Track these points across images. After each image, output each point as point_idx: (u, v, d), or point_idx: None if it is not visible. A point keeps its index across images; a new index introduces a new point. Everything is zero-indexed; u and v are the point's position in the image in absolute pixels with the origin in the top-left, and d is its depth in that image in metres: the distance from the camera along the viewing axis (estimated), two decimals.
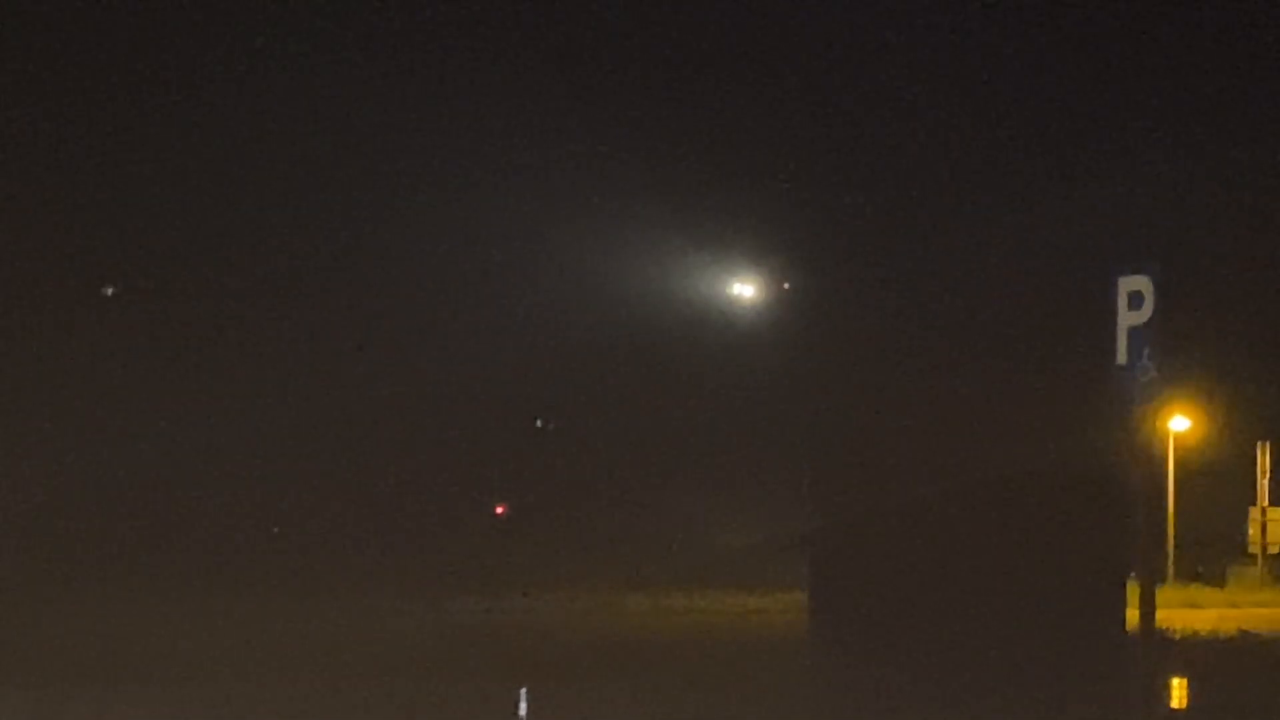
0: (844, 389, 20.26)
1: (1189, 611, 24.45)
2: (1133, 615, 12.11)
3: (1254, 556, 36.45)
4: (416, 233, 20.43)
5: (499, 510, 20.33)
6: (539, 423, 20.47)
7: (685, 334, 23.38)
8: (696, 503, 21.36)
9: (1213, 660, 17.03)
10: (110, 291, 20.34)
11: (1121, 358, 11.56)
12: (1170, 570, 33.77)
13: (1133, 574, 14.22)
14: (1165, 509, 34.56)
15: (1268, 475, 37.17)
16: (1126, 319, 11.49)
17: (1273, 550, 36.71)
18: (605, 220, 23.07)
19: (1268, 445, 36.98)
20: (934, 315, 21.57)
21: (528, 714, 13.26)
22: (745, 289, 24.55)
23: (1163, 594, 17.92)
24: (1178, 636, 18.83)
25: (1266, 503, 36.72)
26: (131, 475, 18.96)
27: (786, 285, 24.51)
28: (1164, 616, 15.46)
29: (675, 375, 22.36)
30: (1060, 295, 19.63)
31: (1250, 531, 36.65)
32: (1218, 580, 34.53)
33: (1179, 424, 34.88)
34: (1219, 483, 36.15)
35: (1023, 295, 21.26)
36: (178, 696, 13.47)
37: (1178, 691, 14.81)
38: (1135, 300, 11.53)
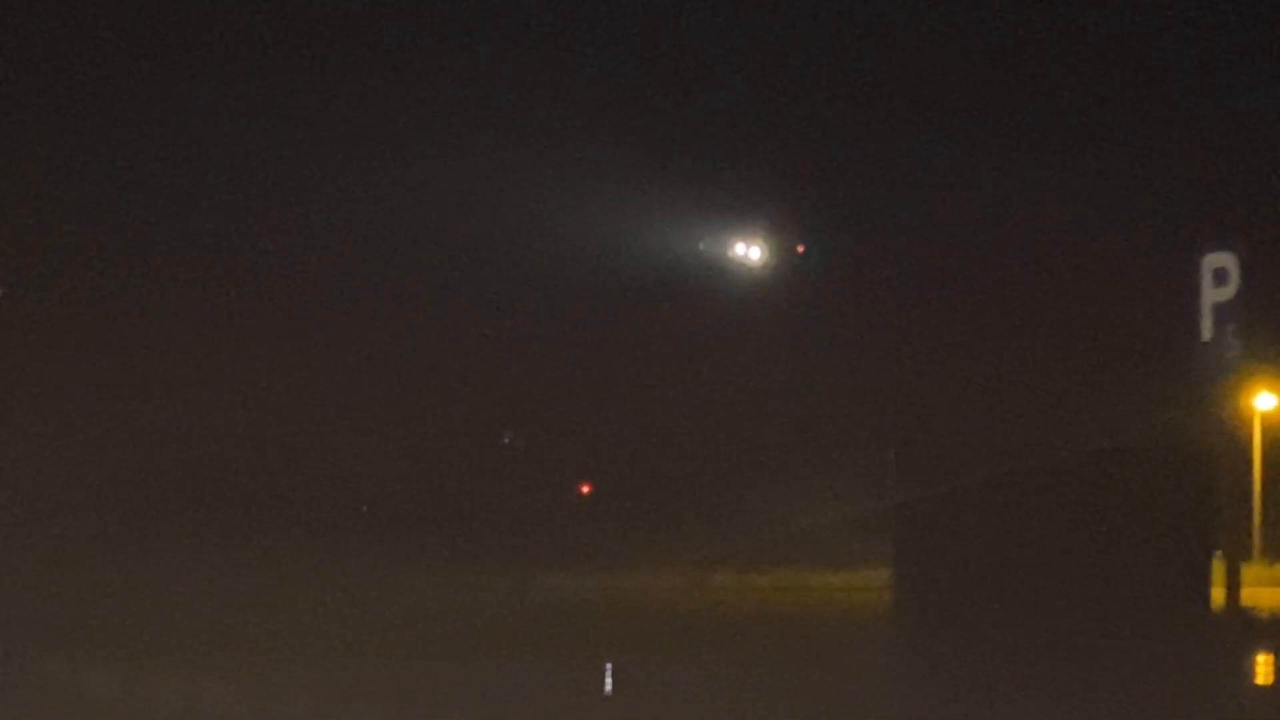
0: (923, 361, 19.98)
1: (1276, 590, 24.29)
2: (1218, 593, 12.08)
3: None
4: (468, 208, 20.18)
5: (584, 489, 20.39)
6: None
7: (760, 308, 22.54)
8: (779, 479, 21.22)
9: None
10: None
11: (1206, 334, 11.52)
12: (1256, 548, 33.46)
13: (1218, 551, 14.17)
14: (1252, 486, 34.26)
15: None
16: (1211, 296, 11.45)
17: None
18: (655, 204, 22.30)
19: None
20: (1014, 287, 21.04)
21: (613, 690, 13.32)
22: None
23: (1249, 571, 17.82)
24: (1264, 614, 18.72)
25: None
26: (218, 453, 19.10)
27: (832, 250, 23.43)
28: (1249, 594, 15.40)
29: (752, 348, 21.82)
30: (1144, 269, 19.37)
31: None
32: None
33: (1267, 401, 34.54)
34: None
35: (1105, 267, 20.82)
36: (269, 674, 13.56)
37: (1263, 668, 14.75)
38: (1220, 277, 11.49)
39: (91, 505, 18.92)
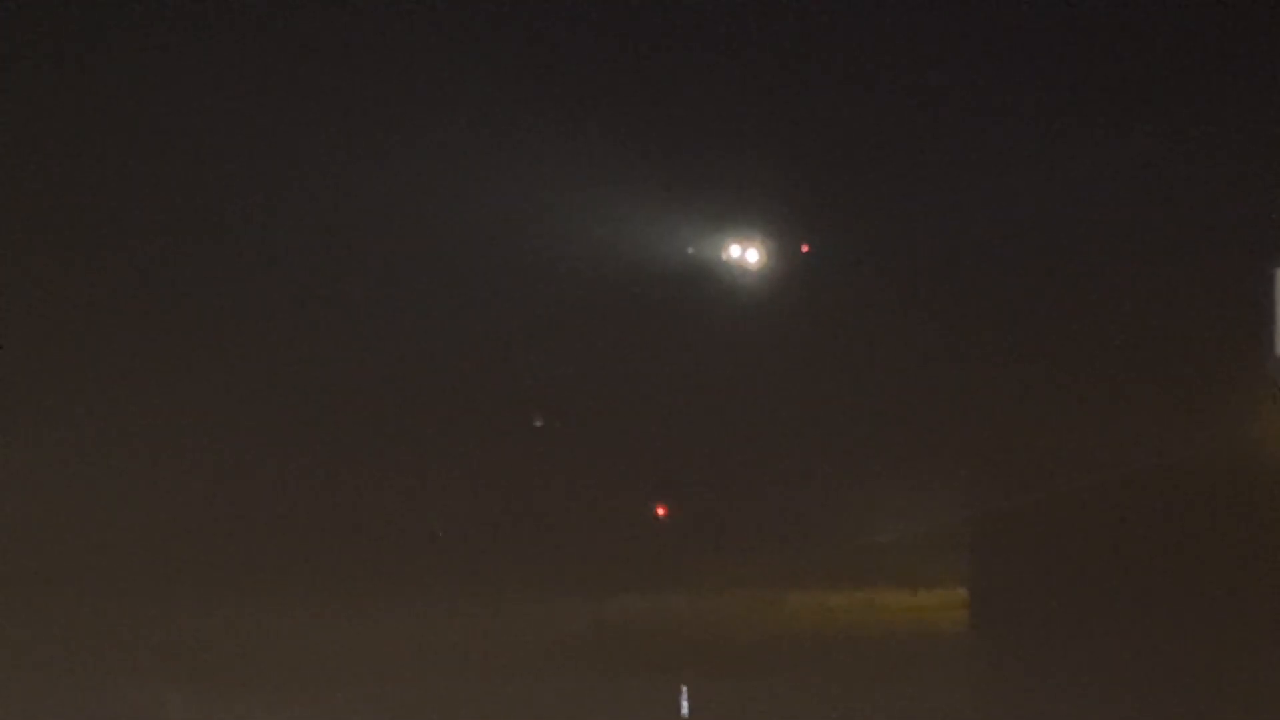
0: (988, 369, 19.33)
1: None
2: None
3: None
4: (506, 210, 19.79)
5: (660, 510, 20.37)
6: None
7: (777, 314, 21.18)
8: (851, 495, 20.98)
9: None
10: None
11: None
12: None
13: None
14: None
15: None
16: None
17: None
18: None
19: None
20: (1081, 293, 20.23)
21: (689, 712, 13.29)
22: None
23: None
24: None
25: None
26: (292, 476, 19.19)
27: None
28: None
29: (793, 357, 20.78)
30: (1217, 278, 18.97)
31: None
32: None
33: None
34: None
35: (1177, 274, 20.27)
36: (342, 699, 13.60)
37: None
38: None
39: (173, 532, 19.04)
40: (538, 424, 19.88)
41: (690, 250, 19.69)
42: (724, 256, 19.80)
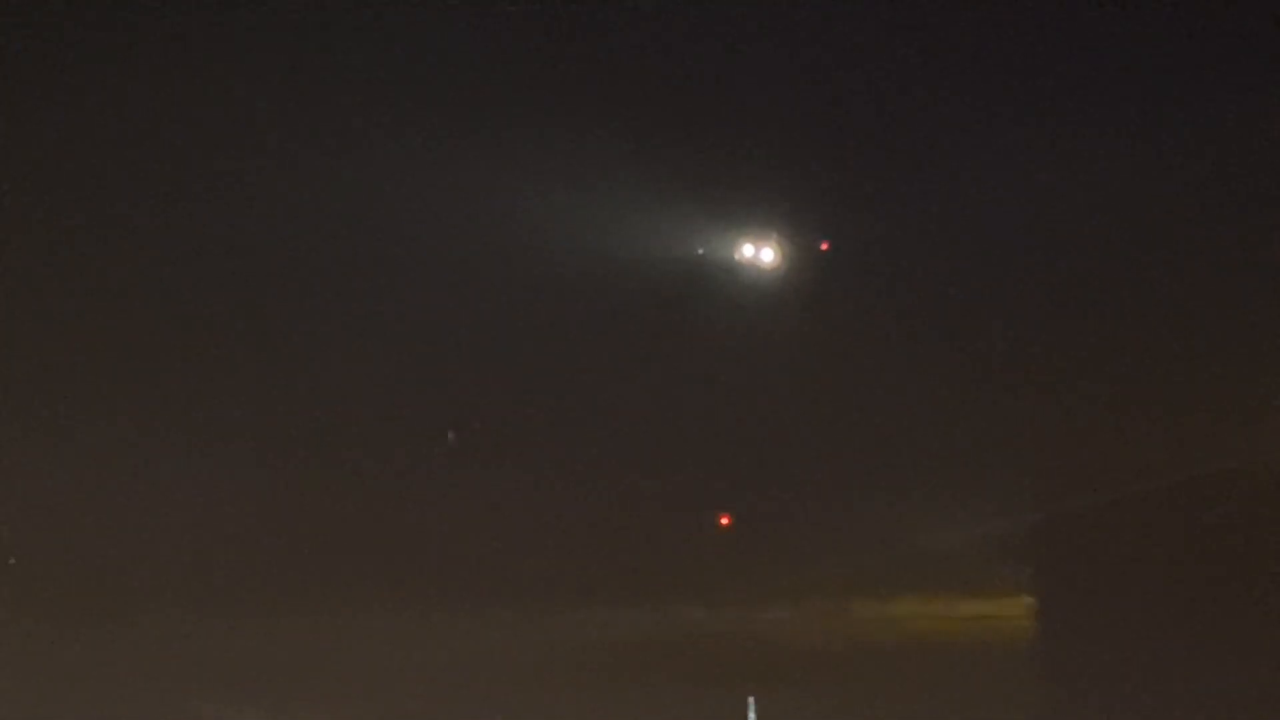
0: (1055, 367, 18.84)
1: None
2: None
3: None
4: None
5: (723, 520, 20.31)
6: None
7: (805, 314, 19.33)
8: (911, 500, 20.73)
9: None
10: None
11: None
12: None
13: None
14: None
15: None
16: None
17: None
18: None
19: None
20: (1135, 291, 19.55)
21: None
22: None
23: None
24: None
25: None
26: (345, 485, 19.18)
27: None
28: None
29: (837, 360, 19.96)
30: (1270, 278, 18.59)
31: None
32: None
33: None
34: None
35: (1237, 276, 19.81)
36: (401, 708, 13.61)
37: None
38: None
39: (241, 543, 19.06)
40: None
41: (701, 251, 18.87)
42: (738, 256, 18.82)
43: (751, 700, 13.49)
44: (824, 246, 18.83)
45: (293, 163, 19.19)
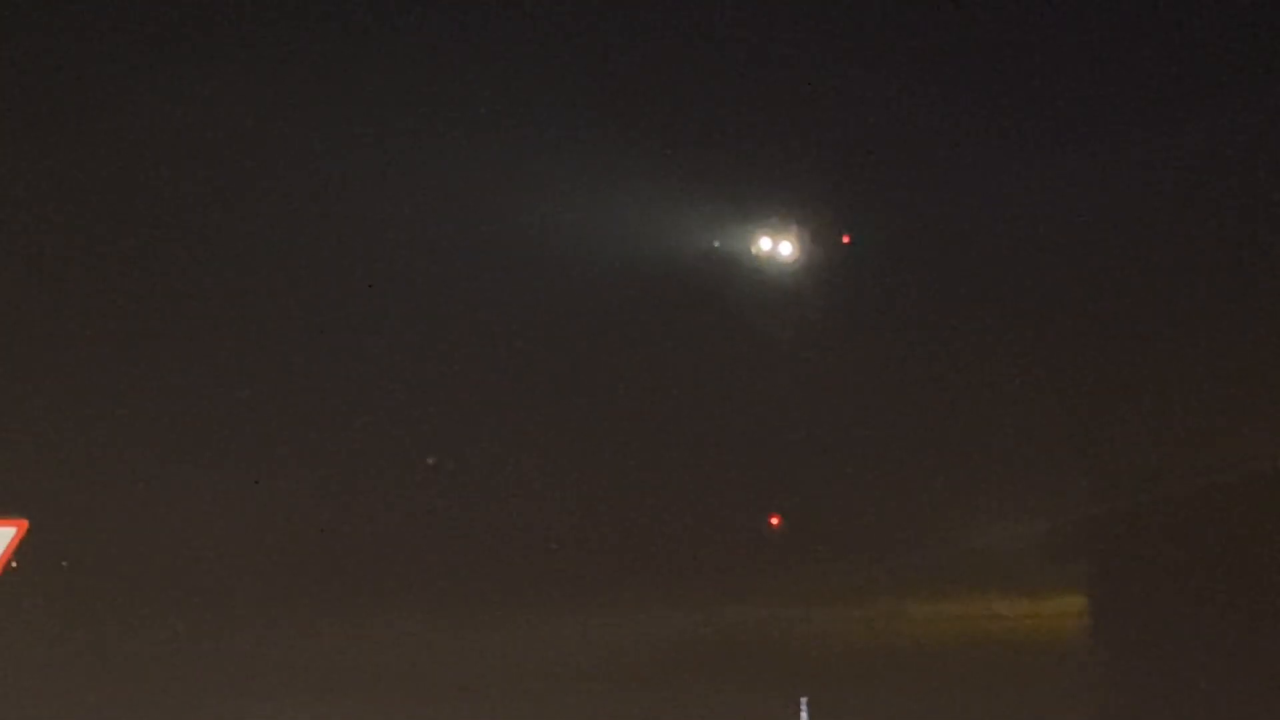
0: (1102, 362, 18.43)
1: None
2: None
3: None
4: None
5: (774, 520, 20.24)
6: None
7: (831, 309, 18.90)
8: (963, 499, 20.49)
9: None
10: None
11: None
12: None
13: None
14: None
15: None
16: None
17: None
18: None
19: None
20: (1181, 280, 18.99)
21: None
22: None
23: None
24: None
25: None
26: (405, 490, 19.18)
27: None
28: None
29: (872, 355, 19.33)
30: None
31: None
32: None
33: None
34: None
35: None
36: (461, 707, 13.60)
37: None
38: None
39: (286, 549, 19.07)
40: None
41: (717, 244, 18.33)
42: (755, 249, 18.30)
43: (804, 700, 13.43)
44: (846, 239, 18.33)
45: (320, 167, 19.15)
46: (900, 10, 18.85)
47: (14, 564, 15.83)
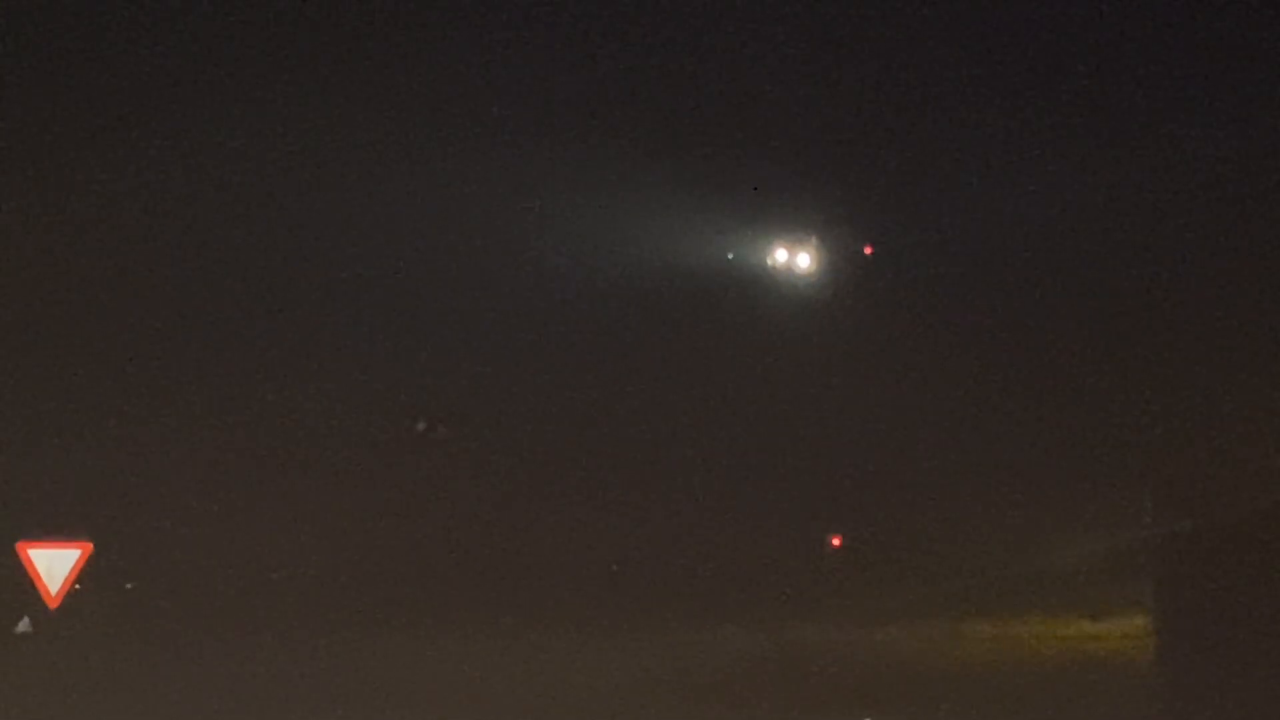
0: (1168, 374, 18.06)
1: None
2: None
3: None
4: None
5: (835, 541, 20.18)
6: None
7: (864, 324, 18.24)
8: (1024, 516, 20.27)
9: None
10: None
11: None
12: None
13: None
14: None
15: None
16: None
17: None
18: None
19: None
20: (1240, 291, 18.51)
21: None
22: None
23: None
24: None
25: None
26: (470, 508, 19.20)
27: None
28: None
29: (983, 378, 18.85)
30: None
31: None
32: None
33: None
34: None
35: None
36: None
37: None
38: None
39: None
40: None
41: (731, 256, 17.65)
42: (770, 261, 17.60)
43: None
44: (868, 250, 17.55)
45: (319, 172, 19.02)
46: (930, 17, 18.34)
47: (79, 586, 15.93)
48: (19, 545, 15.72)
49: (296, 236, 18.79)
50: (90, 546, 15.81)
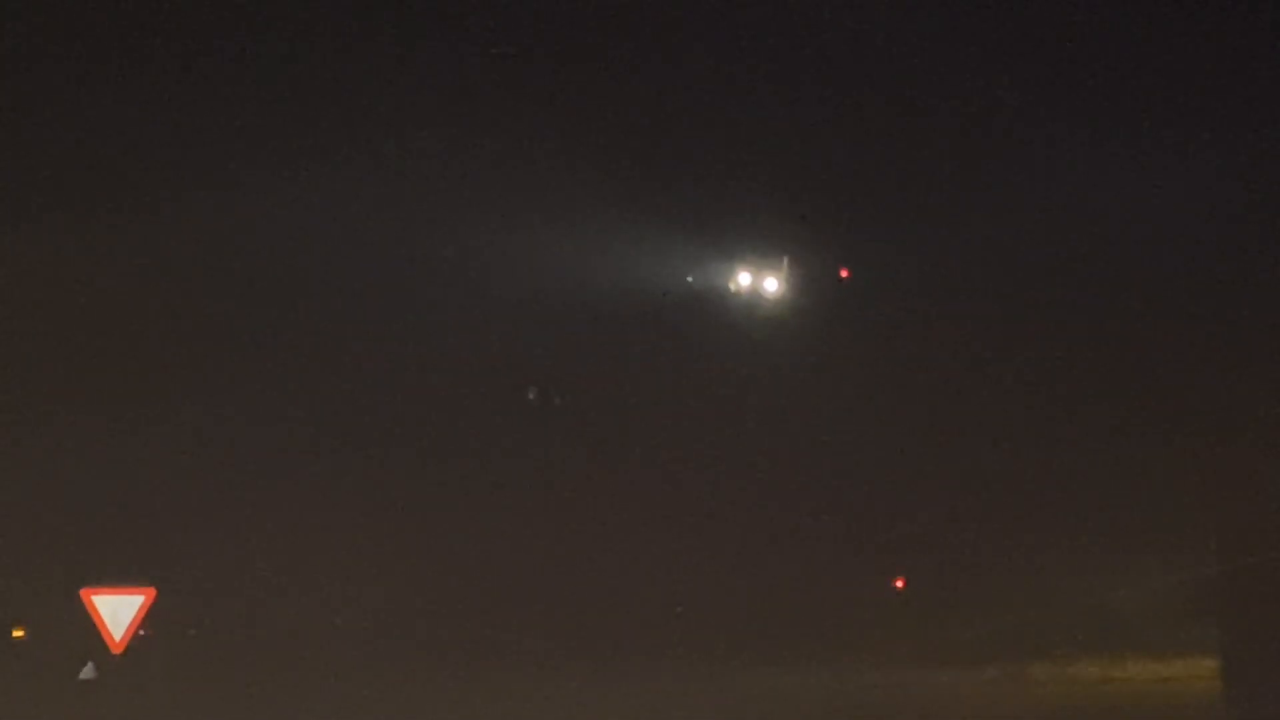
0: (1231, 411, 17.68)
1: None
2: None
3: None
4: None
5: (899, 584, 20.10)
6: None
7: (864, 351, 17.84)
8: (1088, 558, 20.05)
9: None
10: None
11: None
12: None
13: None
14: None
15: None
16: None
17: None
18: None
19: None
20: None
21: None
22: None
23: None
24: None
25: None
26: (546, 551, 19.19)
27: None
28: None
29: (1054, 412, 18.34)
30: None
31: None
32: None
33: None
34: None
35: None
36: None
37: None
38: None
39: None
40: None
41: (691, 279, 17.09)
42: (732, 285, 16.98)
43: None
44: (844, 274, 17.08)
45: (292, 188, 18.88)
46: (902, 42, 18.00)
47: (143, 631, 15.98)
48: (83, 592, 15.78)
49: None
50: (154, 592, 15.85)
